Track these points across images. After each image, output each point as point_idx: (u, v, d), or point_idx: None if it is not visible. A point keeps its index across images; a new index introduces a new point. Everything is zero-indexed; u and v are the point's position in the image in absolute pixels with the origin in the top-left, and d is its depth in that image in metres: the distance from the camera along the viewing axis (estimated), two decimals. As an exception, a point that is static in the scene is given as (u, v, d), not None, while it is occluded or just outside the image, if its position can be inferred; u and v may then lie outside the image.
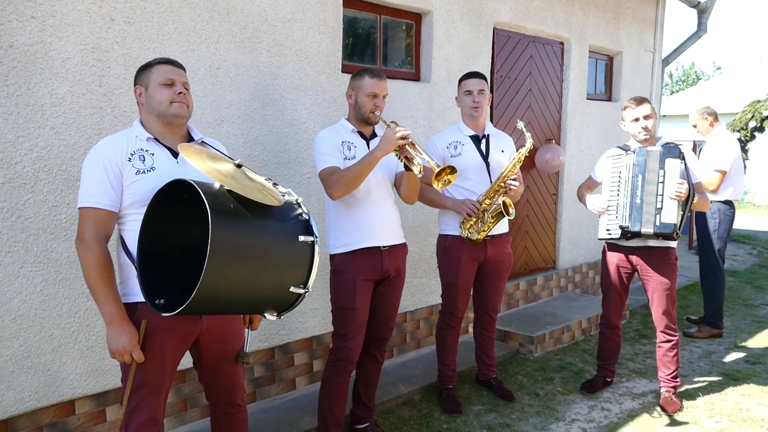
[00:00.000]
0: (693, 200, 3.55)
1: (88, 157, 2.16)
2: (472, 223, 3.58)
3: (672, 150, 3.55)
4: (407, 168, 2.95)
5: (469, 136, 3.68)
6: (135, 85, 2.28)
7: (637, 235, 3.61)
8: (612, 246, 3.93)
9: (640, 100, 3.71)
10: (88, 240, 2.10)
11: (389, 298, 3.23)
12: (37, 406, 2.84)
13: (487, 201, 3.57)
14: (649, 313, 5.82)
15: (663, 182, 3.52)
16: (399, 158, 2.92)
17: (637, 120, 3.70)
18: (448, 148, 3.64)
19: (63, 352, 2.90)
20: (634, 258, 3.81)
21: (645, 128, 3.68)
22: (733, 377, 4.33)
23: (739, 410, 3.82)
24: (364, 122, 3.09)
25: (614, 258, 3.91)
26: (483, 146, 3.69)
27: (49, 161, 2.77)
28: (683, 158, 3.54)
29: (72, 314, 2.91)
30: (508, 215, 3.54)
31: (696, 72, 36.35)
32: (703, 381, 4.29)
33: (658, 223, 3.52)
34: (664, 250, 3.73)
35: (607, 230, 3.75)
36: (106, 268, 2.11)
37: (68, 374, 2.92)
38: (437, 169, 2.80)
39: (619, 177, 3.71)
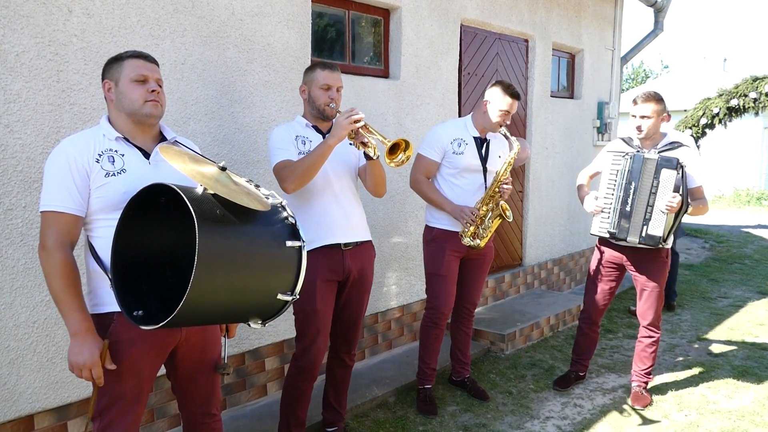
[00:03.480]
0: (686, 211, 3.54)
1: (51, 157, 2.01)
2: (472, 230, 3.55)
3: (669, 161, 3.48)
4: (367, 157, 2.87)
5: (474, 137, 3.64)
6: (103, 79, 2.13)
7: (624, 241, 3.62)
8: (604, 241, 3.89)
9: (645, 98, 3.58)
10: (50, 247, 1.95)
11: (354, 301, 3.14)
12: (-7, 423, 2.67)
13: (485, 207, 3.56)
14: (613, 308, 5.93)
15: (655, 193, 3.49)
16: (356, 146, 2.81)
17: (635, 117, 3.64)
18: (452, 143, 3.59)
19: (20, 365, 2.73)
20: (624, 256, 3.79)
21: (638, 128, 3.62)
22: (698, 370, 4.42)
23: (707, 403, 3.89)
24: (321, 117, 2.97)
25: (605, 254, 3.87)
26: (483, 150, 3.66)
27: (3, 162, 2.59)
28: (681, 169, 3.47)
29: (30, 324, 2.74)
30: (507, 219, 3.61)
31: (645, 70, 37.39)
32: (670, 375, 4.36)
33: (644, 234, 3.51)
34: (656, 249, 3.69)
35: (599, 228, 3.73)
36: (71, 276, 1.96)
37: (26, 388, 2.75)
38: (389, 145, 2.68)
39: (616, 178, 3.67)
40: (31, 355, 2.76)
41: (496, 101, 3.56)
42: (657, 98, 3.59)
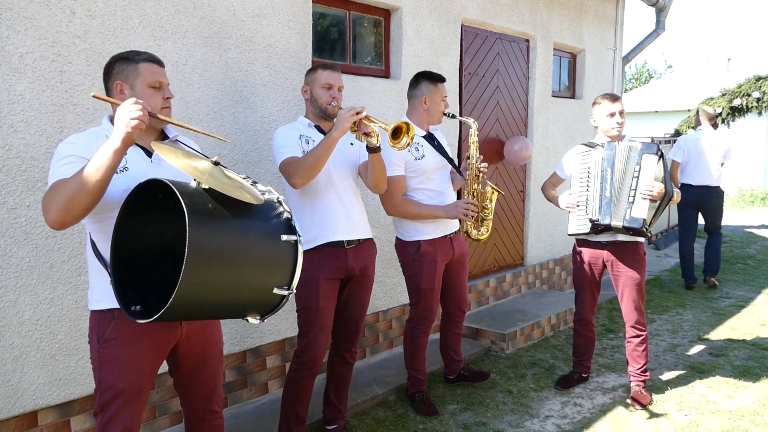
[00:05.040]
0: (672, 197, 3.59)
1: (60, 147, 2.02)
2: (474, 222, 3.56)
3: (650, 146, 3.56)
4: (370, 149, 2.89)
5: (423, 137, 3.60)
6: (115, 80, 2.11)
7: (608, 228, 3.63)
8: (582, 242, 3.95)
9: (614, 97, 3.72)
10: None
11: (357, 299, 3.18)
12: (-3, 419, 2.70)
13: (474, 194, 3.56)
14: (614, 308, 5.92)
15: (638, 177, 3.54)
16: (359, 138, 2.85)
17: (612, 115, 3.71)
18: (410, 150, 3.49)
19: (24, 362, 2.76)
20: (604, 253, 3.84)
21: (620, 124, 3.71)
22: (698, 370, 4.42)
23: (706, 402, 3.89)
24: (323, 116, 3.03)
25: (585, 254, 3.92)
26: (436, 144, 3.65)
27: (7, 161, 2.63)
28: (661, 155, 3.54)
29: (33, 321, 2.77)
30: (501, 192, 3.68)
31: (648, 70, 37.33)
32: (671, 374, 4.37)
33: (627, 217, 3.54)
34: (634, 244, 3.78)
35: (577, 225, 3.77)
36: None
37: (30, 384, 2.78)
38: (390, 129, 2.74)
39: (588, 172, 3.73)
40: (34, 352, 2.79)
41: (434, 93, 3.57)
42: (619, 97, 3.77)
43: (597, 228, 3.66)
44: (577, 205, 3.76)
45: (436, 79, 3.58)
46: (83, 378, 2.93)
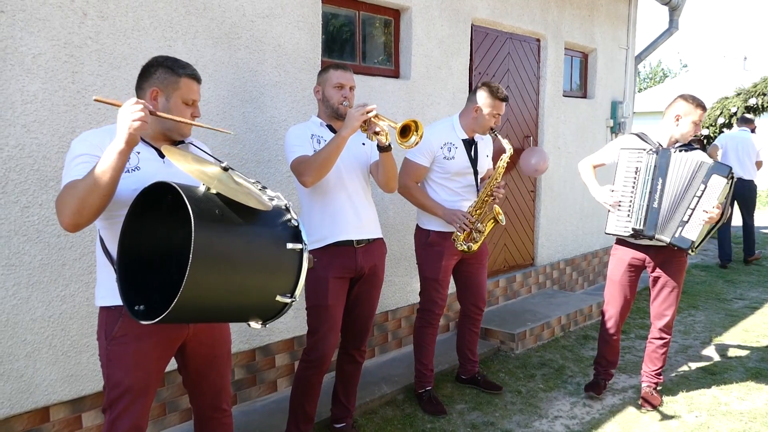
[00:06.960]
0: (724, 222, 3.47)
1: (74, 144, 2.04)
2: (465, 235, 3.57)
3: (722, 167, 3.37)
4: (381, 148, 2.89)
5: (462, 140, 3.63)
6: (151, 84, 2.12)
7: (650, 239, 3.52)
8: (622, 241, 3.77)
9: (705, 107, 3.56)
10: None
11: (366, 298, 3.19)
12: (10, 414, 2.74)
13: (478, 211, 3.58)
14: (625, 309, 5.88)
15: (700, 197, 3.39)
16: (369, 137, 2.86)
17: (696, 125, 3.54)
18: (442, 148, 3.57)
19: (37, 358, 2.80)
20: (647, 256, 3.68)
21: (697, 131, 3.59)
22: (710, 372, 4.39)
23: (718, 404, 3.86)
24: (335, 116, 3.05)
25: (626, 255, 3.73)
26: (473, 152, 3.67)
27: (20, 161, 2.67)
28: (731, 179, 3.37)
29: (46, 318, 2.81)
30: (500, 222, 3.65)
31: (663, 69, 37.05)
32: (682, 376, 4.34)
33: (677, 235, 3.40)
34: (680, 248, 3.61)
35: (616, 226, 3.60)
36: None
37: (43, 380, 2.83)
38: (398, 127, 2.71)
39: (636, 174, 3.53)
40: (47, 349, 2.83)
41: (487, 105, 3.54)
42: None
43: (638, 236, 3.56)
44: (619, 205, 3.59)
45: (497, 95, 3.54)
46: (94, 374, 2.97)
